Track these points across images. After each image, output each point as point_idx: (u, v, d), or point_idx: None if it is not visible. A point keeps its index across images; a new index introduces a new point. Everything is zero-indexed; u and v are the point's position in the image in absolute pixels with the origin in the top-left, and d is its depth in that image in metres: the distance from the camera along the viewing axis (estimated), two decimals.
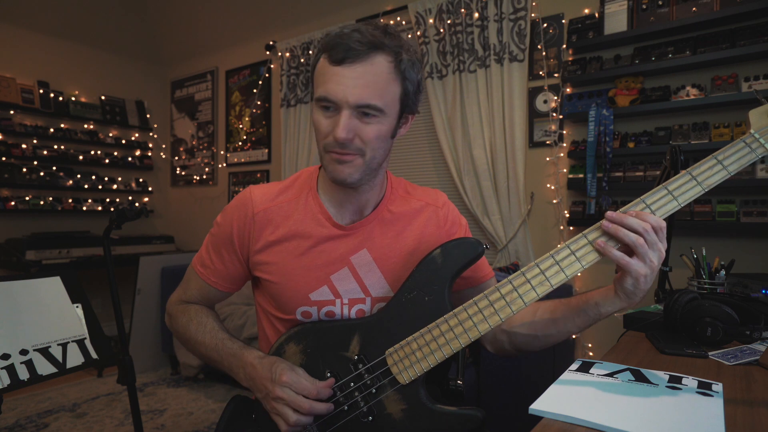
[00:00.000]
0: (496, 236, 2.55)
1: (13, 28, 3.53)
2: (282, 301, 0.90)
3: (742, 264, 1.61)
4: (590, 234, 0.73)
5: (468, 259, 0.80)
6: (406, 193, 0.98)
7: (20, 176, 3.47)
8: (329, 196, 0.91)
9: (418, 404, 0.78)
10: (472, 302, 0.76)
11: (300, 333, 0.88)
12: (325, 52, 0.79)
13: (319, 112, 0.81)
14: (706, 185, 0.69)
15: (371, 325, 0.84)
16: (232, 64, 4.02)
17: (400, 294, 0.83)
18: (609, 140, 2.17)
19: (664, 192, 0.71)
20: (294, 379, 0.80)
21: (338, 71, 0.77)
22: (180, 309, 0.99)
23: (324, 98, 0.79)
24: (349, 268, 0.90)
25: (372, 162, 0.83)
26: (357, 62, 0.77)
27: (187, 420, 2.45)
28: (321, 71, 0.80)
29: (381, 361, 0.81)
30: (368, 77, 0.77)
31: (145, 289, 3.08)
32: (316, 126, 0.82)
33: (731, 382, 0.77)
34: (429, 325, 0.78)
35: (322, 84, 0.79)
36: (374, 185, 0.91)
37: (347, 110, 0.78)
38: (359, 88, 0.77)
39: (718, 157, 0.70)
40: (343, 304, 0.89)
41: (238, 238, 0.91)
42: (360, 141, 0.80)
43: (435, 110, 2.74)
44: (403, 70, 0.81)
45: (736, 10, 1.91)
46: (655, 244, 0.70)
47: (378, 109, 0.79)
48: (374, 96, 0.78)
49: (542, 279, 0.73)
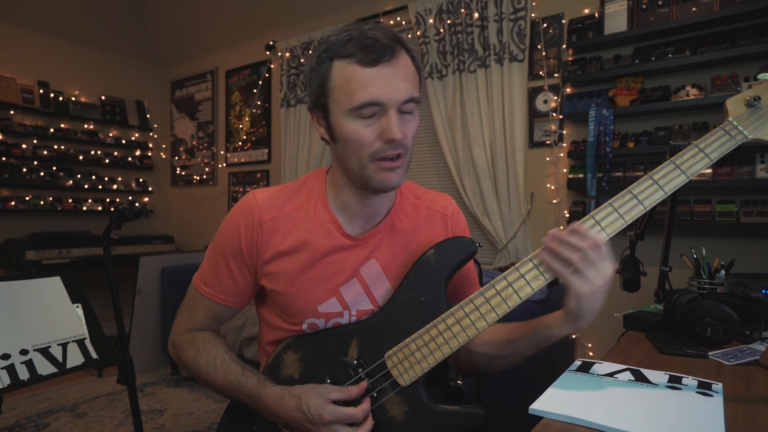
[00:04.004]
0: (496, 236, 2.55)
1: (13, 28, 3.53)
2: (290, 312, 0.87)
3: (742, 264, 1.60)
4: None
5: (461, 258, 0.80)
6: (415, 198, 0.95)
7: (20, 176, 3.47)
8: (340, 204, 0.87)
9: (420, 405, 0.78)
10: (468, 300, 0.76)
11: (297, 341, 0.87)
12: (346, 59, 0.75)
13: (355, 121, 0.76)
14: (690, 173, 0.71)
15: (369, 328, 0.83)
16: (232, 64, 4.02)
17: (396, 296, 0.82)
18: (609, 140, 2.17)
19: (650, 182, 0.72)
20: (336, 414, 0.76)
21: (377, 72, 0.74)
22: (187, 340, 0.91)
23: (369, 103, 0.74)
24: (357, 279, 0.87)
25: (409, 161, 0.81)
26: (393, 59, 0.75)
27: (187, 420, 2.45)
28: (351, 78, 0.74)
29: (381, 364, 0.80)
30: (405, 71, 0.76)
31: (145, 289, 3.08)
32: (354, 137, 0.76)
33: (731, 382, 0.77)
34: (427, 325, 0.78)
35: (359, 90, 0.74)
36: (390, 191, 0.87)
37: (395, 109, 0.75)
38: (403, 82, 0.75)
39: (699, 146, 0.71)
40: (351, 316, 0.87)
41: (246, 246, 0.85)
42: (406, 140, 0.78)
43: (435, 110, 2.74)
44: (417, 61, 0.81)
45: (736, 10, 1.91)
46: (594, 263, 0.70)
47: (417, 101, 0.78)
48: (414, 87, 0.77)
49: (536, 273, 0.73)
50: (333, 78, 0.76)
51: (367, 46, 0.73)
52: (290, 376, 0.86)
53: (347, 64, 0.75)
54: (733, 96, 0.74)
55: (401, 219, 0.91)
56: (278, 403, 0.80)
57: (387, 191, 0.81)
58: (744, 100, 0.72)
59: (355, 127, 0.76)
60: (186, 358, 0.90)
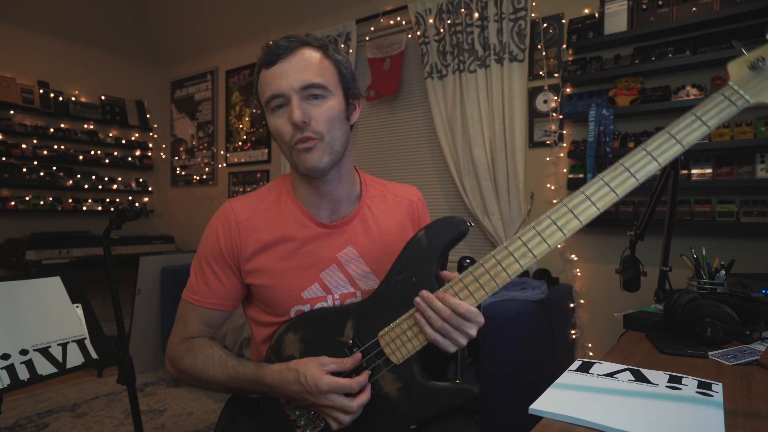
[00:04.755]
0: (496, 236, 2.55)
1: (13, 28, 3.53)
2: (275, 302, 0.91)
3: (742, 264, 1.60)
4: None
5: (452, 237, 0.82)
6: (383, 188, 1.02)
7: (20, 176, 3.46)
8: (305, 196, 0.93)
9: (413, 382, 0.81)
10: (458, 279, 0.77)
11: (297, 322, 0.90)
12: (261, 66, 0.86)
13: (273, 117, 0.86)
14: (686, 143, 0.67)
15: (363, 309, 0.86)
16: (232, 64, 4.02)
17: (389, 277, 0.85)
18: (609, 140, 2.17)
19: (643, 153, 0.69)
20: (332, 384, 0.79)
21: (276, 68, 0.83)
22: (183, 348, 0.93)
23: (272, 96, 0.83)
24: (337, 265, 0.92)
25: (334, 144, 0.86)
26: (290, 55, 0.84)
27: (187, 420, 2.45)
28: (261, 81, 0.86)
29: (374, 343, 0.83)
30: (303, 62, 0.84)
31: (145, 289, 3.08)
32: (275, 131, 0.86)
33: (731, 382, 0.77)
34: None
35: (266, 87, 0.85)
36: (343, 176, 0.92)
37: (295, 96, 0.82)
38: (299, 71, 0.83)
39: (696, 113, 0.68)
40: (335, 300, 0.92)
41: (226, 249, 0.91)
42: (316, 123, 0.83)
43: (435, 110, 2.74)
44: (331, 55, 0.87)
45: (736, 10, 1.91)
46: (459, 327, 0.75)
47: (321, 87, 0.84)
48: (314, 75, 0.83)
49: (525, 251, 0.73)
50: (258, 85, 0.89)
51: (270, 51, 0.84)
52: (291, 355, 0.89)
53: (260, 70, 0.87)
54: (735, 59, 0.69)
55: (371, 207, 0.97)
56: (278, 379, 0.83)
57: (313, 173, 0.86)
58: (747, 62, 0.67)
59: (273, 120, 0.86)
60: (184, 364, 0.92)
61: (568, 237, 0.71)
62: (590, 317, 2.38)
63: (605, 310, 2.31)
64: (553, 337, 2.07)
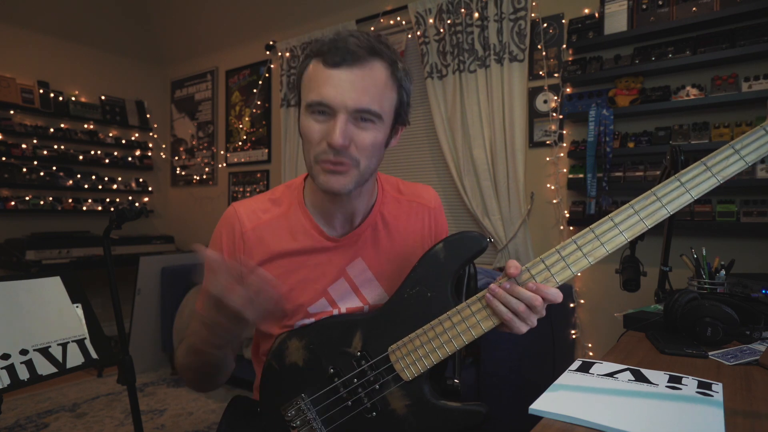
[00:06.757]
0: (496, 236, 2.55)
1: (13, 28, 3.53)
2: (280, 316, 0.88)
3: (742, 264, 1.60)
4: None
5: (471, 254, 0.79)
6: (398, 193, 0.96)
7: (20, 176, 3.46)
8: (317, 208, 0.88)
9: (423, 400, 0.78)
10: (476, 298, 0.76)
11: (302, 330, 0.88)
12: (318, 57, 0.76)
13: (309, 118, 0.76)
14: (722, 177, 0.64)
15: (373, 321, 0.83)
16: (232, 64, 4.02)
17: (402, 290, 0.82)
18: (609, 140, 2.17)
19: (677, 184, 0.67)
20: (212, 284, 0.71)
21: (335, 74, 0.73)
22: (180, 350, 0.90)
23: (318, 103, 0.74)
24: (345, 279, 0.89)
25: (366, 172, 0.79)
26: (356, 66, 0.73)
27: (187, 420, 2.45)
28: (313, 75, 0.76)
29: (384, 357, 0.81)
30: (367, 81, 0.74)
31: (145, 289, 3.08)
32: (306, 133, 0.77)
33: (731, 383, 0.77)
34: (432, 321, 0.77)
35: (316, 88, 0.75)
36: (363, 192, 0.87)
37: (344, 115, 0.73)
38: (358, 92, 0.73)
39: (735, 147, 0.65)
40: (341, 313, 0.88)
41: (229, 257, 0.86)
42: (355, 149, 0.76)
43: (435, 110, 2.74)
44: (399, 78, 0.79)
45: (736, 10, 1.91)
46: (528, 318, 0.73)
47: (376, 115, 0.75)
48: (373, 101, 0.74)
49: (548, 275, 0.72)
50: (306, 74, 0.79)
51: (333, 48, 0.74)
52: (294, 363, 0.86)
53: (317, 62, 0.76)
54: None
55: (384, 216, 0.92)
56: (199, 310, 0.79)
57: (332, 194, 0.79)
58: None
59: (308, 123, 0.77)
60: (178, 358, 0.89)
61: None
62: (590, 317, 2.38)
63: (605, 310, 2.31)
64: (553, 337, 2.08)
